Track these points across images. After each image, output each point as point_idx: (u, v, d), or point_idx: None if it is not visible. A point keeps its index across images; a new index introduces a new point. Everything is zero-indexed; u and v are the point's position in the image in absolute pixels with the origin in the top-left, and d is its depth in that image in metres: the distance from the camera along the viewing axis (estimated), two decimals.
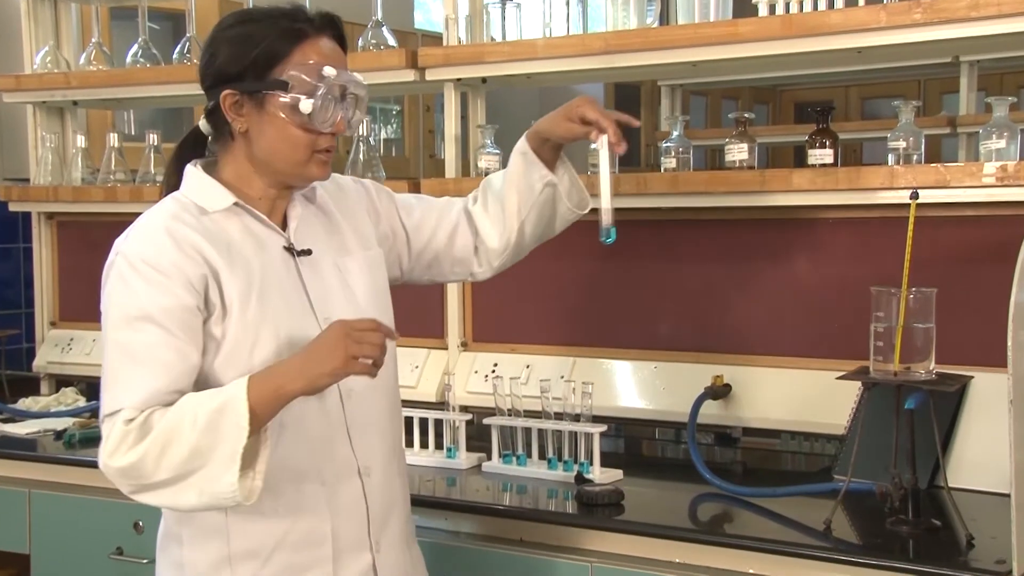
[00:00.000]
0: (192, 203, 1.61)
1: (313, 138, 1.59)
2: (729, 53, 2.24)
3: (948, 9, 1.99)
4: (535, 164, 1.82)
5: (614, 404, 2.45)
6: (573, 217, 1.88)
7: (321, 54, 1.59)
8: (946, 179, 2.04)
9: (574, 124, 1.76)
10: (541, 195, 1.82)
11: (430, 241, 1.85)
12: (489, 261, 1.88)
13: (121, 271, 1.54)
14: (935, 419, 1.81)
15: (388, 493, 1.68)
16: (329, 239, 1.70)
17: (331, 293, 1.65)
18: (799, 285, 2.33)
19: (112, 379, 1.52)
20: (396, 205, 1.85)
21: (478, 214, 1.87)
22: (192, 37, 2.98)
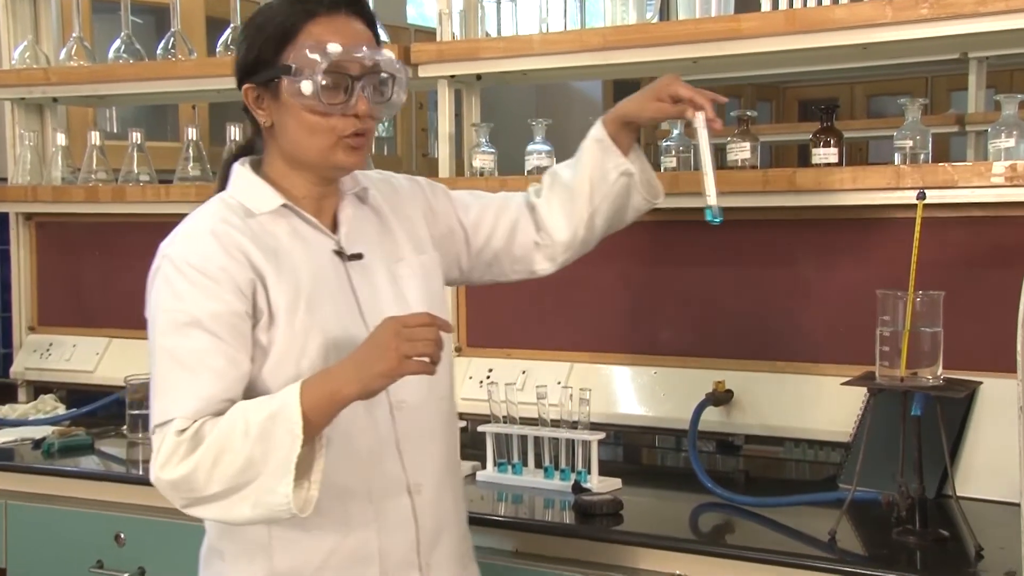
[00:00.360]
0: (239, 204, 1.60)
1: (332, 123, 1.56)
2: (731, 49, 2.25)
3: (955, 4, 2.01)
4: (611, 151, 1.80)
5: (613, 411, 2.45)
6: (646, 208, 1.86)
7: (331, 31, 1.56)
8: (954, 179, 2.05)
9: (664, 104, 1.75)
10: (615, 184, 1.80)
11: (490, 239, 1.83)
12: (553, 256, 1.86)
13: (167, 275, 1.53)
14: (943, 426, 1.81)
15: (440, 511, 1.65)
16: (381, 243, 1.67)
17: (383, 300, 1.62)
18: (803, 288, 2.34)
19: (162, 388, 1.51)
20: (453, 202, 1.82)
21: (542, 207, 1.85)
22: (177, 32, 2.98)
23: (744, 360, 2.37)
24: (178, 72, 2.90)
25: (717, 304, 2.43)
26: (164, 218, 3.01)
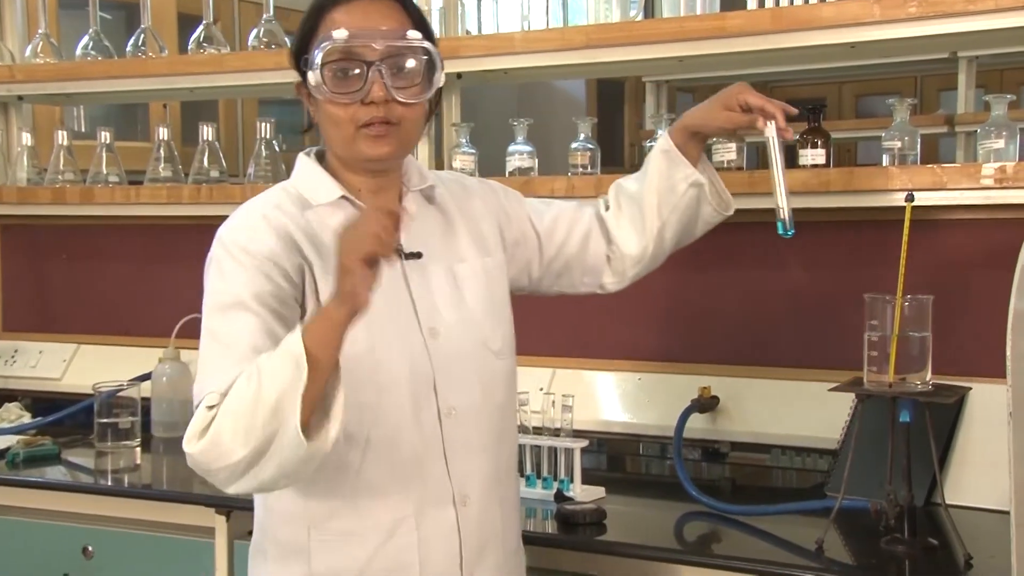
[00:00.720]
0: (298, 194, 1.61)
1: (351, 112, 1.55)
2: (716, 48, 2.26)
3: (944, 2, 2.02)
4: (679, 162, 1.80)
5: (596, 418, 2.46)
6: (717, 220, 1.86)
7: (348, 16, 1.55)
8: (943, 180, 2.07)
9: (734, 113, 1.75)
10: (685, 196, 1.80)
11: (562, 247, 1.83)
12: (623, 271, 1.86)
13: (218, 257, 1.55)
14: (932, 433, 1.83)
15: (487, 524, 1.63)
16: (444, 243, 1.67)
17: (439, 301, 1.62)
18: (790, 291, 2.36)
19: (202, 368, 1.50)
20: (526, 208, 1.82)
21: (611, 220, 1.85)
22: (147, 28, 2.98)
23: (730, 366, 2.38)
24: (148, 70, 2.89)
25: (703, 308, 2.44)
26: (134, 220, 3.04)
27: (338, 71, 1.54)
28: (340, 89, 1.54)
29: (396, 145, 1.58)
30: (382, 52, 1.54)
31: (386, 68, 1.54)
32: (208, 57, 2.85)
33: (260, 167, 2.82)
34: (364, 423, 1.53)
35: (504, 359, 1.68)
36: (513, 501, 1.71)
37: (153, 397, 2.76)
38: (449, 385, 1.59)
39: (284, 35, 2.84)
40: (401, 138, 1.58)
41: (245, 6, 4.35)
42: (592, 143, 2.51)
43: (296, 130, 4.80)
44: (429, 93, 1.59)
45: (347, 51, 1.53)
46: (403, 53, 1.56)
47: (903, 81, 5.43)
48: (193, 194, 2.85)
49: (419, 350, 1.58)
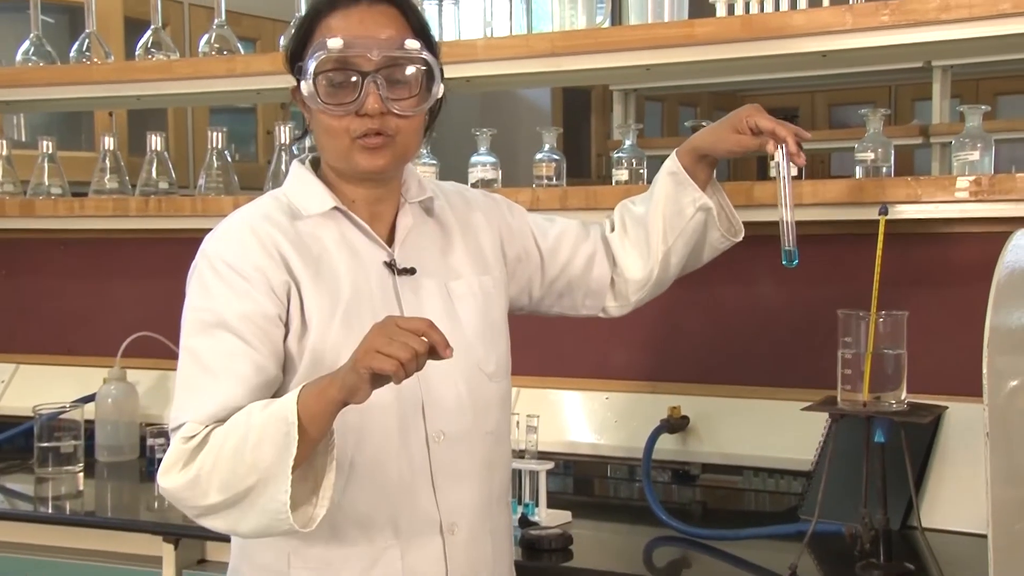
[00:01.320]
0: (289, 204, 1.60)
1: (345, 123, 1.54)
2: (685, 56, 2.28)
3: (917, 11, 2.05)
4: (687, 185, 1.80)
5: (562, 439, 2.46)
6: (725, 246, 1.87)
7: (344, 23, 1.54)
8: (917, 193, 2.09)
9: (744, 136, 1.75)
10: (692, 220, 1.80)
11: (566, 267, 1.82)
12: (626, 295, 1.86)
13: (201, 272, 1.54)
14: (908, 453, 1.84)
15: (475, 555, 1.61)
16: (441, 258, 1.66)
17: (431, 318, 1.58)
18: (761, 308, 2.37)
19: (181, 390, 1.50)
20: (530, 224, 1.81)
21: (616, 242, 1.85)
22: (92, 33, 2.96)
23: (700, 384, 2.39)
24: (93, 77, 2.87)
25: (672, 325, 2.45)
26: (78, 234, 3.01)
27: (332, 81, 1.54)
28: (334, 100, 1.54)
29: (392, 157, 1.57)
30: (378, 62, 1.53)
31: (382, 79, 1.53)
32: (156, 63, 2.84)
33: (211, 178, 2.80)
34: (347, 446, 1.51)
35: (498, 382, 1.67)
36: (505, 532, 1.70)
37: (97, 419, 2.73)
38: (438, 408, 1.58)
39: (236, 41, 2.83)
40: (397, 150, 1.58)
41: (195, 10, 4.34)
42: (558, 154, 2.52)
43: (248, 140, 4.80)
44: (427, 104, 1.59)
45: (342, 60, 1.53)
46: (400, 63, 1.55)
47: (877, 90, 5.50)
48: (141, 206, 2.83)
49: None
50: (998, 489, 1.63)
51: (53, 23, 3.57)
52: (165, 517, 2.26)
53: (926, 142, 4.26)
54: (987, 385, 1.62)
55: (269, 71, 2.65)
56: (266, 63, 2.68)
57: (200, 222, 2.72)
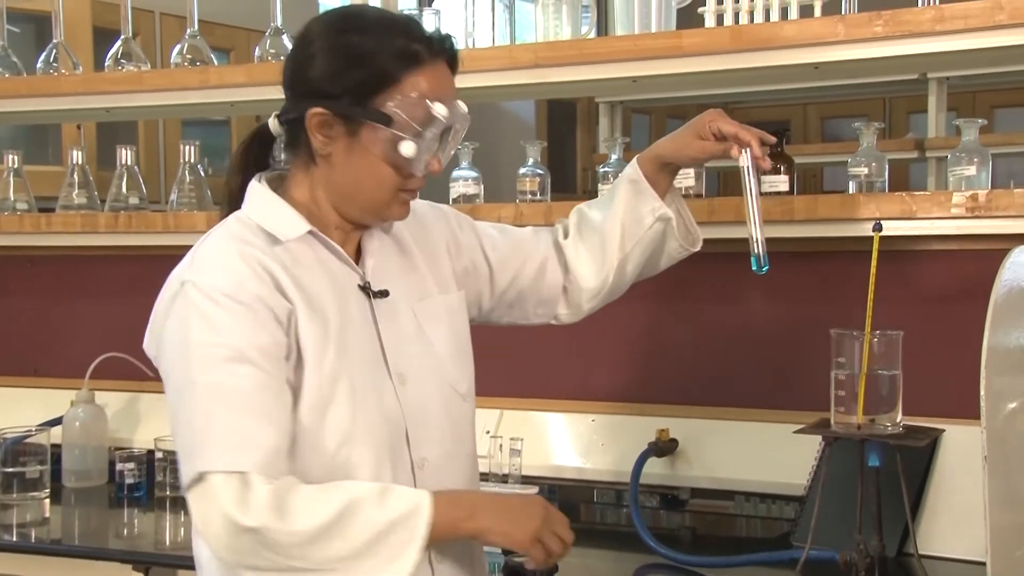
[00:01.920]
0: (258, 227, 1.57)
1: (403, 179, 1.57)
2: (672, 68, 2.28)
3: (911, 22, 2.06)
4: (647, 194, 1.81)
5: (547, 462, 2.46)
6: (682, 255, 1.88)
7: (434, 86, 1.56)
8: (912, 209, 2.10)
9: (707, 142, 1.77)
10: (651, 230, 1.82)
11: (516, 278, 1.83)
12: (579, 303, 1.87)
13: (197, 304, 1.48)
14: (903, 478, 1.84)
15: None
16: (406, 278, 1.67)
17: (406, 342, 1.61)
18: (752, 327, 2.37)
19: (211, 430, 1.44)
20: (479, 235, 1.82)
21: (570, 249, 1.86)
22: (60, 43, 2.95)
23: (690, 406, 2.39)
24: (61, 88, 2.87)
25: (660, 345, 2.45)
26: (45, 251, 3.00)
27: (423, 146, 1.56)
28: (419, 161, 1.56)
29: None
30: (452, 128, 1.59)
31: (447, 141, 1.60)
32: (126, 75, 2.83)
33: (184, 193, 2.80)
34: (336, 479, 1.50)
35: (469, 402, 1.69)
36: (482, 558, 1.72)
37: (64, 443, 2.71)
38: (421, 434, 1.59)
39: (209, 51, 2.83)
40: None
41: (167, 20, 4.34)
42: (542, 168, 2.52)
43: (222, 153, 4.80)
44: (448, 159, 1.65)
45: (438, 128, 1.56)
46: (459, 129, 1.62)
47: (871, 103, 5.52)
48: (110, 223, 2.82)
49: (390, 398, 1.57)
50: (997, 514, 1.63)
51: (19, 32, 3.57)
52: (135, 545, 2.25)
53: (921, 156, 4.28)
54: (985, 407, 1.63)
55: (243, 83, 2.65)
56: (240, 74, 2.68)
57: (172, 239, 2.72)
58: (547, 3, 2.47)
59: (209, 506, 1.42)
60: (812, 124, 5.84)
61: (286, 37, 2.73)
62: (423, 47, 1.55)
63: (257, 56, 2.74)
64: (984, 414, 1.63)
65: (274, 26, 2.74)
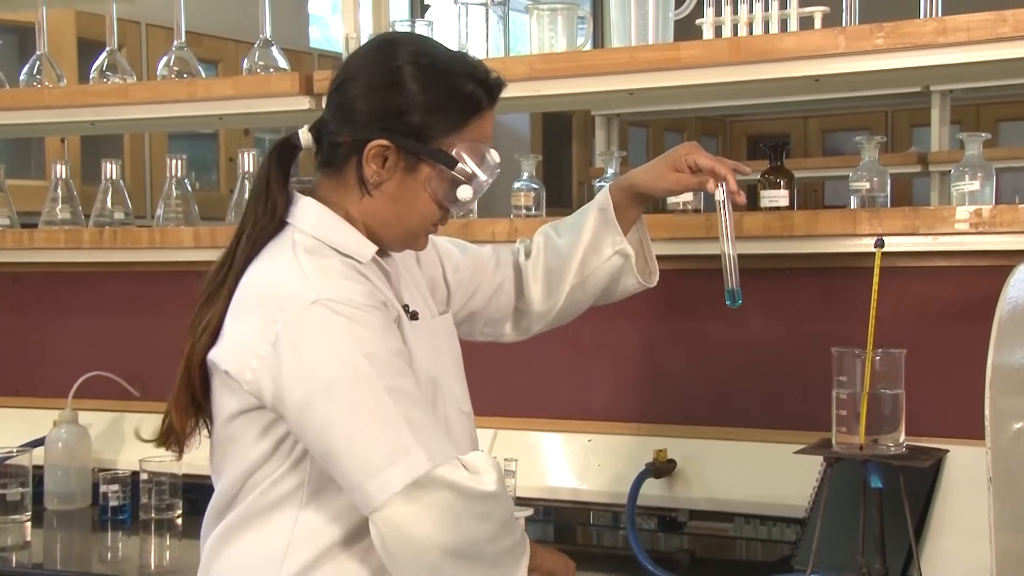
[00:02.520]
0: (324, 245, 1.56)
1: (437, 216, 1.62)
2: (670, 80, 2.29)
3: (913, 34, 2.07)
4: (611, 227, 1.84)
5: (542, 484, 2.45)
6: (638, 290, 1.90)
7: (485, 131, 1.61)
8: (915, 225, 2.11)
9: (683, 175, 1.79)
10: (608, 263, 1.84)
11: (470, 299, 1.85)
12: (527, 327, 1.90)
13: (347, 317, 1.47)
14: (907, 500, 1.84)
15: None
16: (419, 298, 1.70)
17: (439, 363, 1.66)
18: (752, 345, 2.38)
19: (413, 433, 1.46)
20: (440, 255, 1.83)
21: (529, 271, 1.88)
22: (43, 55, 2.95)
23: (688, 426, 2.39)
24: (45, 101, 2.87)
25: (658, 363, 2.45)
26: (27, 268, 3.00)
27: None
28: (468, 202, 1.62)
29: None
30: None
31: None
32: (111, 87, 2.84)
33: (170, 208, 2.80)
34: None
35: (471, 420, 1.74)
36: None
37: (46, 465, 2.71)
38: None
39: (197, 63, 2.84)
40: None
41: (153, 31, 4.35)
42: (537, 183, 2.53)
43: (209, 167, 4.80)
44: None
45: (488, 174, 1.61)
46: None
47: (873, 116, 5.54)
48: (95, 238, 2.82)
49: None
50: (1002, 537, 1.64)
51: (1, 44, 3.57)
52: (119, 570, 2.24)
53: (924, 170, 4.29)
54: (989, 427, 1.63)
55: (231, 95, 2.65)
56: (228, 87, 2.69)
57: (158, 255, 2.72)
58: (542, 14, 2.48)
59: (436, 496, 1.44)
60: (813, 137, 5.86)
61: (275, 48, 2.73)
62: (486, 94, 1.60)
63: (245, 68, 2.74)
64: (989, 434, 1.63)
65: (263, 37, 2.74)
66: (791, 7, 2.24)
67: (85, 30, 3.91)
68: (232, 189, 2.82)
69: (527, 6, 2.52)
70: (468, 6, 2.53)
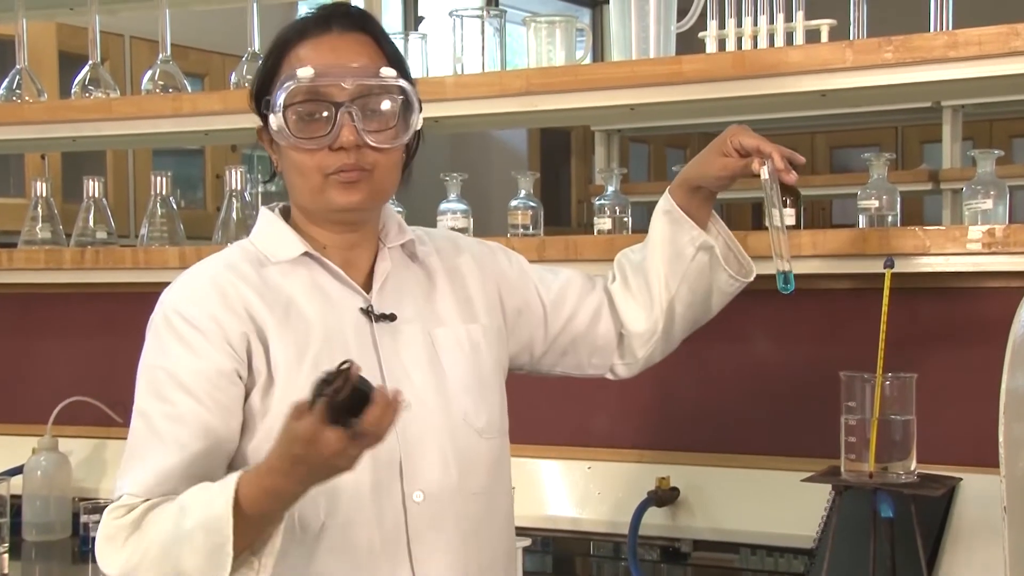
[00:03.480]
0: (257, 252, 1.63)
1: (318, 159, 1.57)
2: (672, 95, 2.30)
3: (923, 48, 2.07)
4: (683, 224, 1.80)
5: (540, 513, 2.45)
6: (734, 289, 1.86)
7: (314, 52, 1.59)
8: (925, 244, 2.11)
9: (730, 159, 1.76)
10: (693, 262, 1.80)
11: (570, 321, 1.82)
12: (633, 351, 1.86)
13: (156, 326, 1.59)
14: (918, 530, 1.84)
15: None
16: (425, 305, 1.68)
17: (413, 370, 1.62)
18: (757, 369, 2.38)
19: (128, 456, 1.55)
20: (531, 275, 1.82)
21: (618, 294, 1.85)
22: (23, 69, 2.96)
23: (691, 453, 2.39)
24: (24, 116, 2.88)
25: (660, 388, 2.45)
26: (5, 289, 3.00)
27: (303, 114, 1.57)
28: (305, 134, 1.57)
29: (368, 193, 1.60)
30: (352, 92, 1.57)
31: (357, 110, 1.57)
32: (94, 102, 2.84)
33: (155, 227, 2.80)
34: (318, 508, 1.52)
35: (490, 439, 1.68)
36: None
37: (25, 494, 2.70)
38: (418, 466, 1.59)
39: (182, 77, 2.84)
40: (374, 186, 1.61)
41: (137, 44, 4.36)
42: (534, 201, 2.53)
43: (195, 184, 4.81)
44: (405, 137, 1.63)
45: (313, 91, 1.56)
46: (376, 93, 1.59)
47: (882, 132, 5.56)
48: (76, 258, 2.82)
49: None
50: (1018, 568, 1.64)
51: None
52: None
53: (936, 188, 4.30)
54: (1004, 455, 1.64)
55: (218, 110, 2.66)
56: (215, 102, 2.69)
57: (142, 275, 2.72)
58: (540, 26, 2.50)
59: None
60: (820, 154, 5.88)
61: None
62: (301, 24, 1.62)
63: (233, 82, 2.75)
64: (1003, 462, 1.64)
65: (251, 51, 2.76)
66: (797, 20, 2.25)
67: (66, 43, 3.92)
68: (219, 207, 2.82)
69: (524, 18, 2.53)
70: (463, 18, 2.54)
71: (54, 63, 3.88)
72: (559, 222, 5.62)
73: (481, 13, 2.55)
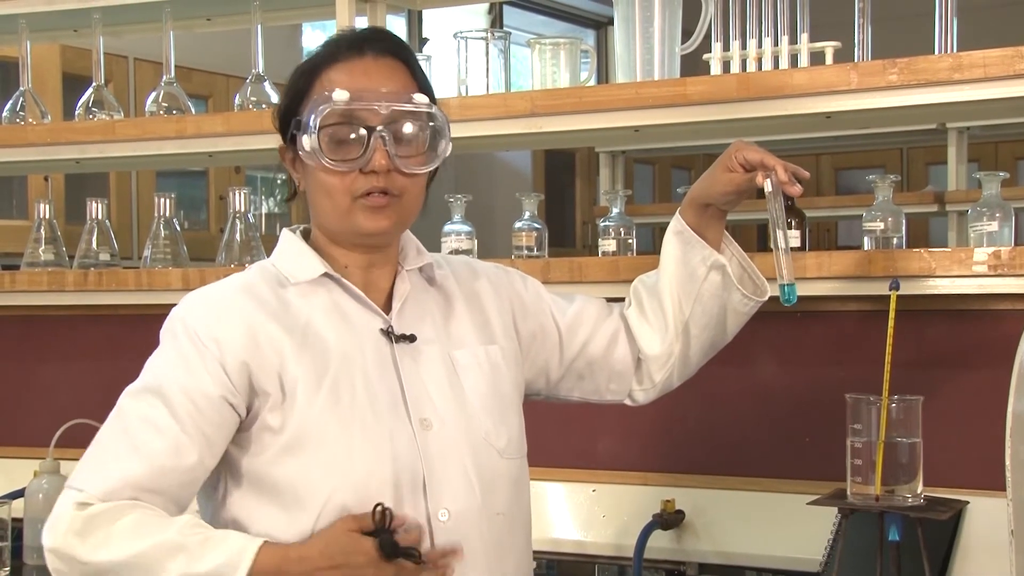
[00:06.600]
0: (277, 272, 1.65)
1: (348, 182, 1.60)
2: (677, 117, 2.30)
3: (928, 70, 2.08)
4: (695, 243, 1.81)
5: (544, 536, 2.45)
6: (749, 310, 1.85)
7: (347, 75, 1.61)
8: (931, 267, 2.11)
9: (735, 174, 1.77)
10: (706, 282, 1.80)
11: (586, 345, 1.83)
12: (651, 376, 1.86)
13: (164, 331, 1.62)
14: (925, 553, 1.84)
15: None
16: (444, 327, 1.70)
17: (433, 390, 1.63)
18: (763, 391, 2.38)
19: (96, 447, 1.57)
20: (546, 299, 1.83)
21: (634, 319, 1.86)
22: (27, 91, 2.97)
23: (697, 476, 2.39)
24: (28, 138, 2.89)
25: (665, 410, 2.44)
26: (8, 311, 3.00)
27: (336, 136, 1.59)
28: (338, 156, 1.59)
29: (396, 218, 1.63)
30: (385, 117, 1.59)
31: (389, 134, 1.59)
32: (98, 123, 2.86)
33: (158, 249, 2.81)
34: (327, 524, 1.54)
35: (511, 459, 1.69)
36: None
37: (26, 518, 2.70)
38: (442, 485, 1.60)
39: (186, 99, 2.86)
40: (401, 212, 1.64)
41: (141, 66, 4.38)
42: (539, 222, 2.54)
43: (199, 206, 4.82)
44: (435, 163, 1.66)
45: (347, 114, 1.59)
46: (408, 118, 1.62)
47: (887, 153, 5.57)
48: (79, 280, 2.83)
49: (406, 444, 1.59)
50: None
51: None
52: None
53: (941, 210, 4.31)
54: (1011, 478, 1.64)
55: (222, 132, 2.67)
56: (219, 123, 2.71)
57: (145, 297, 2.73)
58: (544, 48, 2.51)
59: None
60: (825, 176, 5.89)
61: (268, 84, 2.75)
62: (333, 48, 1.64)
63: (237, 104, 2.76)
64: (1010, 485, 1.64)
65: (255, 72, 2.77)
66: (801, 42, 2.26)
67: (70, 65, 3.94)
68: (223, 228, 2.83)
69: (529, 40, 2.55)
70: (468, 40, 2.56)
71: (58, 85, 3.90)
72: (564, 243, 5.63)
73: (485, 35, 2.56)
